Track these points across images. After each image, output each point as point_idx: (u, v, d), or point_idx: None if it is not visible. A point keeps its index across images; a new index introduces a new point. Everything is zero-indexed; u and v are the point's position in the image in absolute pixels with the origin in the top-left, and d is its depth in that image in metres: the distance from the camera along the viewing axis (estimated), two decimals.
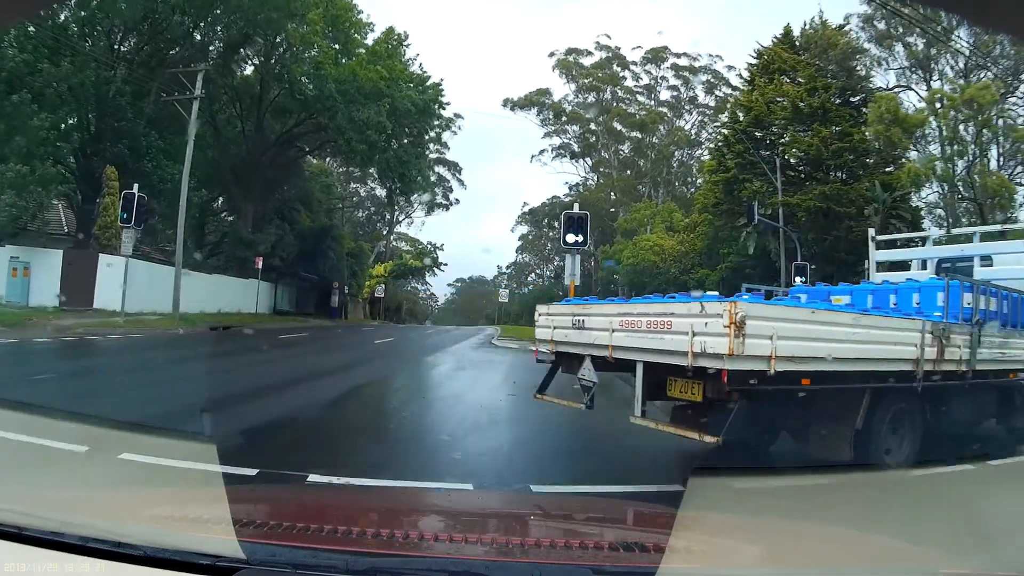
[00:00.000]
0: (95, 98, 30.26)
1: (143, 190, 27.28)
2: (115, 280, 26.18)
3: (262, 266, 39.45)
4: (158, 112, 33.66)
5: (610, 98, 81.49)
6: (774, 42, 48.86)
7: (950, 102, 38.37)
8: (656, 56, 79.67)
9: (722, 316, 6.16)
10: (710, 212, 53.44)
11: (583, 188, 78.61)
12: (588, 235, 25.13)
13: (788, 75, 46.24)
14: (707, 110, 79.20)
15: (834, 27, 47.14)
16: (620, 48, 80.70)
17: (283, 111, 42.50)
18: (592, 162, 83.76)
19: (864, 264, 41.62)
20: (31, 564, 1.89)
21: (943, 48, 43.94)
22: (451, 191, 79.12)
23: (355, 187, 74.40)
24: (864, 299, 9.50)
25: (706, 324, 6.35)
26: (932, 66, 45.59)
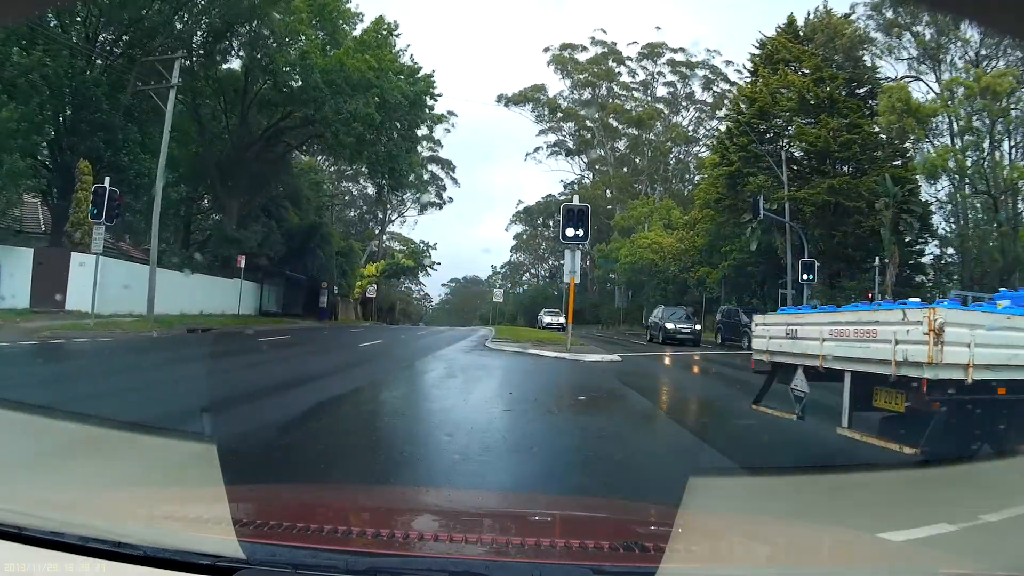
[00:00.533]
0: (71, 89, 30.12)
1: (120, 185, 26.94)
2: (89, 280, 25.50)
3: (248, 265, 39.31)
4: (137, 105, 33.50)
5: (606, 94, 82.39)
6: (778, 32, 49.02)
7: (968, 90, 38.36)
8: (653, 51, 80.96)
9: (922, 323, 6.33)
10: (712, 208, 53.58)
11: (578, 186, 79.25)
12: (589, 229, 25.15)
13: (792, 66, 46.27)
14: (704, 106, 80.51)
15: (840, 16, 47.20)
16: (616, 43, 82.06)
17: (269, 104, 42.30)
18: (588, 160, 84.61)
19: (875, 260, 41.86)
20: (31, 564, 1.96)
21: (953, 36, 43.89)
22: (444, 189, 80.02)
23: (347, 186, 74.84)
24: None
25: (908, 332, 6.53)
26: (942, 56, 45.52)
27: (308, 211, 52.64)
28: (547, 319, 55.97)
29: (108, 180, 25.75)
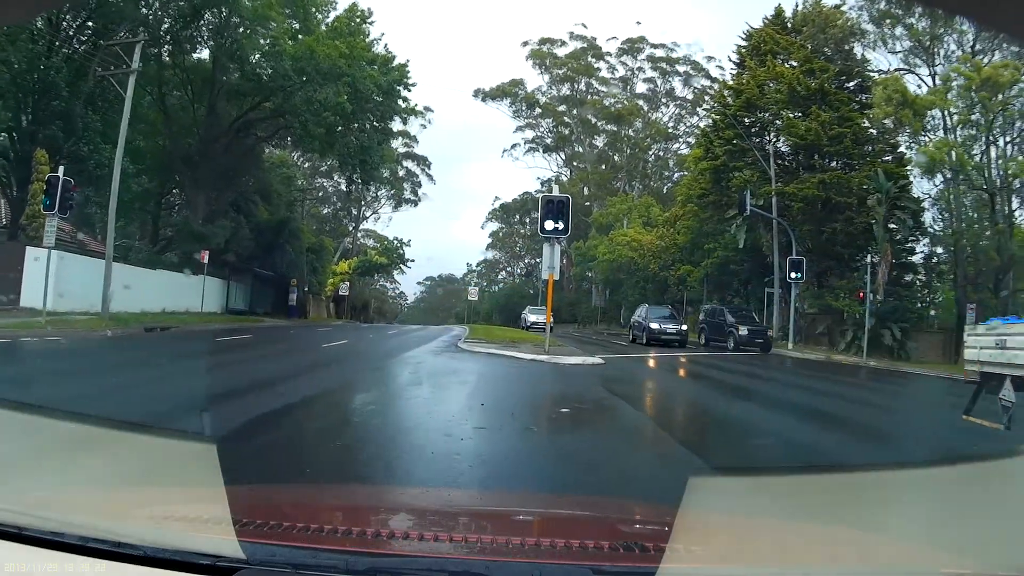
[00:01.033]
0: (29, 75, 29.83)
1: (79, 176, 26.67)
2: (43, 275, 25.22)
3: (216, 262, 39.08)
4: (100, 93, 33.18)
5: (585, 90, 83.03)
6: (765, 23, 49.00)
7: (968, 81, 38.38)
8: (633, 47, 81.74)
9: None
10: (695, 204, 53.57)
11: (556, 183, 79.86)
12: (569, 222, 24.68)
13: (781, 57, 46.28)
14: (685, 103, 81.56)
15: (830, 6, 47.03)
16: (596, 39, 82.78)
17: (238, 94, 42.14)
18: (565, 156, 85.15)
19: (864, 258, 41.98)
20: (31, 564, 2.01)
21: (948, 28, 43.93)
22: (420, 186, 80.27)
23: (321, 182, 74.59)
24: None
25: None
26: (936, 49, 45.60)
27: (279, 206, 52.52)
28: (532, 318, 51.03)
29: (63, 170, 25.04)
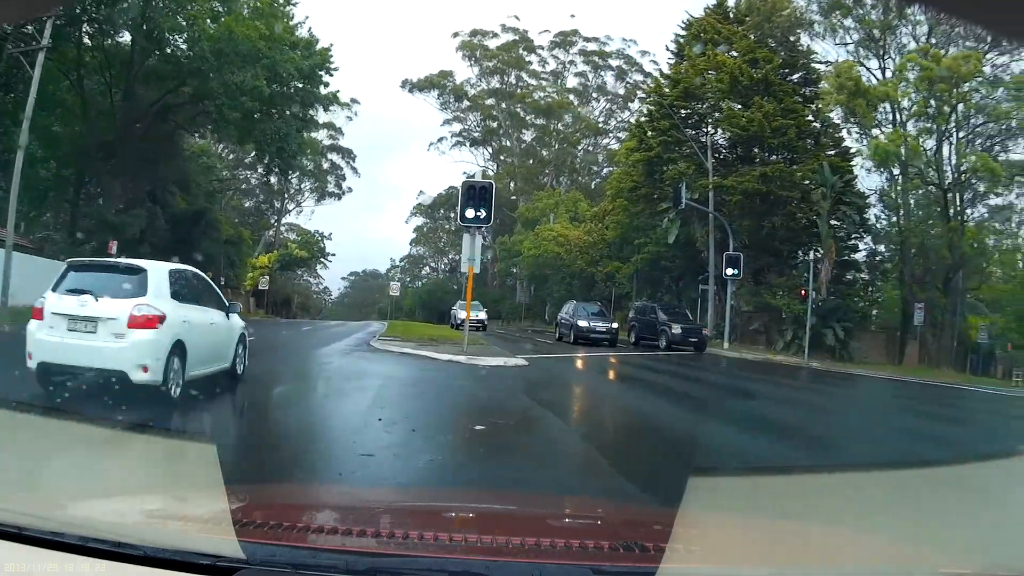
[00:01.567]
0: None
1: None
2: None
3: (130, 254, 38.05)
4: (11, 75, 32.34)
5: (515, 83, 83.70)
6: (706, 12, 48.89)
7: (926, 72, 38.23)
8: (565, 40, 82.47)
9: None
10: (625, 197, 53.22)
11: (483, 177, 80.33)
12: (492, 210, 23.66)
13: (723, 47, 46.02)
14: (616, 98, 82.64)
15: None
16: (528, 31, 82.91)
17: (156, 77, 41.22)
18: (493, 150, 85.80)
19: (803, 255, 42.26)
20: (31, 564, 2.02)
21: (903, 21, 43.98)
22: (344, 179, 79.53)
23: (246, 174, 73.36)
24: None
25: None
26: (888, 40, 45.79)
27: (198, 196, 51.60)
28: (463, 314, 47.93)
29: None
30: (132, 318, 10.55)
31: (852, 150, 45.05)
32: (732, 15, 48.54)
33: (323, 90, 46.99)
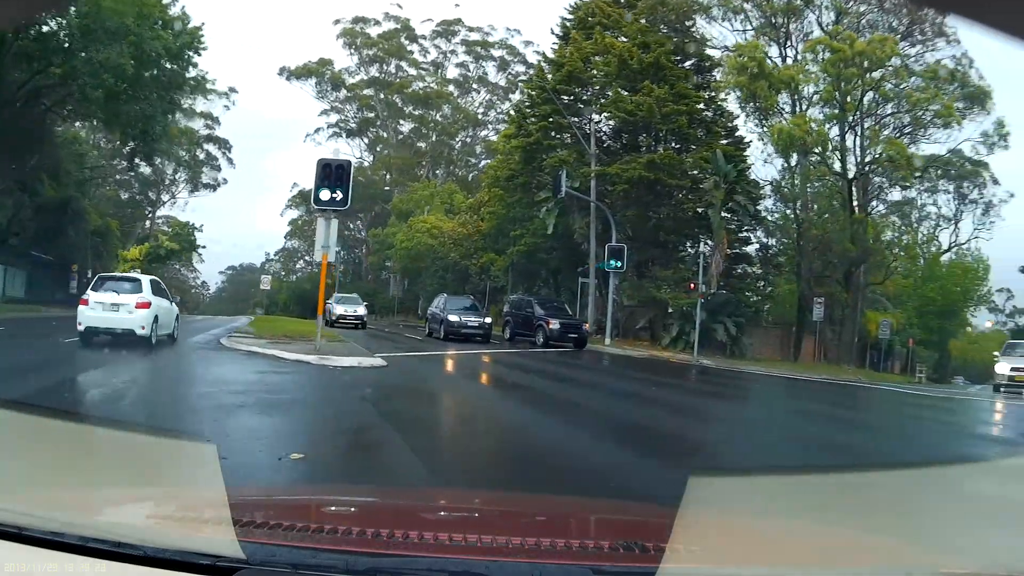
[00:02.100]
0: None
1: None
2: None
3: None
4: None
5: (395, 72, 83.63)
6: None
7: (837, 55, 37.18)
8: (448, 30, 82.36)
9: None
10: (502, 187, 51.63)
11: (357, 169, 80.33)
12: (350, 191, 21.55)
13: (612, 31, 44.27)
14: (497, 88, 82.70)
15: None
16: (411, 20, 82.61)
17: (27, 58, 39.66)
18: (369, 141, 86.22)
19: (691, 247, 40.71)
20: (31, 564, 2.05)
21: (809, 5, 42.44)
22: (220, 170, 79.16)
23: (123, 164, 72.92)
24: None
25: None
26: (789, 26, 44.17)
27: (68, 185, 50.17)
28: (340, 309, 44.02)
29: None
30: (137, 303, 21.03)
31: (746, 139, 43.95)
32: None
33: (192, 71, 46.30)
